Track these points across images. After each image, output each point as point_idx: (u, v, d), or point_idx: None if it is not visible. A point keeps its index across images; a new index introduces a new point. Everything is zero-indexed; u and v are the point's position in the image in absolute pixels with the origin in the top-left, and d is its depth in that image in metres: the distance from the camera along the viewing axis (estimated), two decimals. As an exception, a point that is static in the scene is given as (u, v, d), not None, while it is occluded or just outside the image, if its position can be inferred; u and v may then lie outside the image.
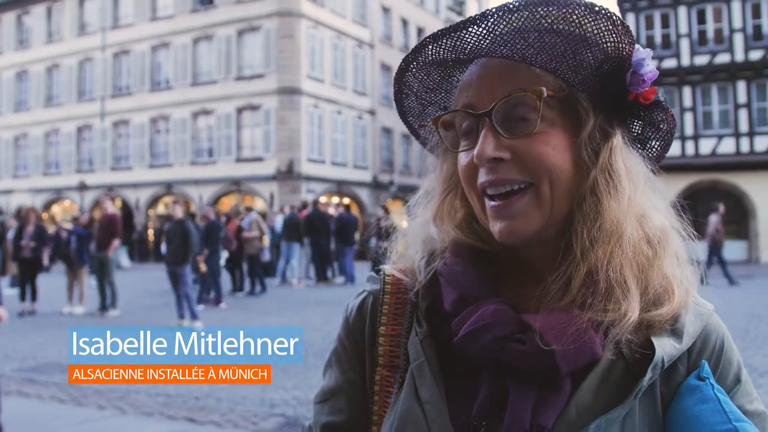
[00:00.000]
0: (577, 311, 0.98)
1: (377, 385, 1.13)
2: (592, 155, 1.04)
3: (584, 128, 1.04)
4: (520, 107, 1.01)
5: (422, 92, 1.21)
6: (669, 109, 1.11)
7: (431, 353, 1.08)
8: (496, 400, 1.00)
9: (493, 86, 1.04)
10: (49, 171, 44.54)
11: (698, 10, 30.33)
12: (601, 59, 1.03)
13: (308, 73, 37.07)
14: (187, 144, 38.53)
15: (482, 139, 1.02)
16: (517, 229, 1.03)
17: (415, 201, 1.25)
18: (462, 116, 1.09)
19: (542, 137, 1.01)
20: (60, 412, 7.20)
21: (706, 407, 0.97)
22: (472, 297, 1.06)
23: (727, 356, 1.07)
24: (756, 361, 8.82)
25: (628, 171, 1.05)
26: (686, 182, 28.43)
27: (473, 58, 1.09)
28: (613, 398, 0.97)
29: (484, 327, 1.01)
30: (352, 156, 41.09)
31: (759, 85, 29.62)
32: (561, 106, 1.03)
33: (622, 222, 1.01)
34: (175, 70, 39.62)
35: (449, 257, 1.13)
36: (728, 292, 16.72)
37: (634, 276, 1.00)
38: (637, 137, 1.16)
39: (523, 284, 1.08)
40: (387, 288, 1.19)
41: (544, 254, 1.06)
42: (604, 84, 1.05)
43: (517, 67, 1.03)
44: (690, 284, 1.07)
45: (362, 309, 1.21)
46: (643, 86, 1.05)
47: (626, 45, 1.03)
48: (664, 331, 1.02)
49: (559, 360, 0.97)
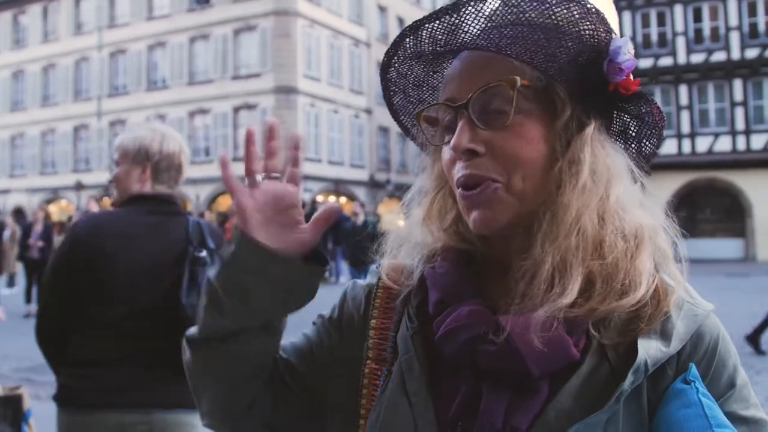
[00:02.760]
0: (536, 311, 0.96)
1: (366, 378, 1.14)
2: (564, 147, 1.03)
3: (560, 119, 1.03)
4: (495, 99, 1.01)
5: (408, 89, 1.22)
6: (653, 100, 1.09)
7: (421, 349, 1.08)
8: (474, 402, 0.99)
9: (471, 78, 1.04)
10: (46, 170, 44.49)
11: (694, 8, 30.34)
12: (577, 49, 1.02)
13: (305, 72, 37.03)
14: (184, 143, 38.41)
15: (459, 130, 1.02)
16: (490, 217, 1.02)
17: (409, 199, 1.24)
18: (443, 110, 1.09)
19: (517, 129, 1.01)
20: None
21: (688, 412, 0.94)
22: (452, 299, 1.06)
23: (721, 359, 1.03)
24: (752, 360, 8.85)
25: (596, 162, 1.03)
26: (683, 180, 28.45)
27: (450, 51, 1.10)
28: (595, 403, 0.95)
29: (459, 328, 1.01)
30: (349, 155, 41.07)
31: (755, 83, 29.66)
32: (538, 97, 1.02)
33: (577, 215, 0.99)
34: (171, 70, 39.58)
35: (438, 261, 1.14)
36: (725, 291, 16.73)
37: (582, 266, 0.98)
38: (624, 131, 1.15)
39: (502, 283, 1.07)
40: (381, 283, 1.21)
41: (518, 248, 1.04)
42: (582, 74, 1.03)
43: (495, 59, 1.03)
44: (678, 281, 1.05)
45: (360, 298, 1.24)
46: (620, 75, 1.04)
47: (602, 33, 1.03)
48: (652, 333, 0.99)
49: (528, 361, 0.96)
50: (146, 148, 2.93)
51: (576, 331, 0.98)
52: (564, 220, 0.99)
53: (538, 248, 0.99)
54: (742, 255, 29.56)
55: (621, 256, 1.00)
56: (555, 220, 1.00)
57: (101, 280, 2.76)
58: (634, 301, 0.98)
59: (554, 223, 0.99)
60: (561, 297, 0.95)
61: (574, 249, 0.98)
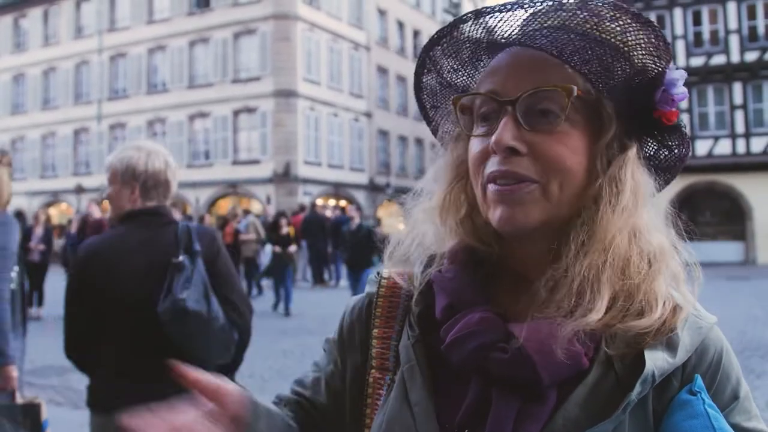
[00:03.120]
0: (561, 320, 0.96)
1: (370, 387, 1.14)
2: (605, 164, 1.03)
3: (605, 136, 1.02)
4: (546, 102, 1.00)
5: (445, 71, 1.18)
6: (687, 134, 1.10)
7: (422, 357, 1.08)
8: (481, 408, 0.99)
9: (521, 76, 1.03)
10: (46, 174, 44.47)
11: (694, 12, 30.37)
12: (635, 71, 1.02)
13: (304, 76, 37.03)
14: (184, 147, 38.45)
15: (502, 126, 1.00)
16: (517, 217, 1.01)
17: (411, 200, 1.22)
18: (483, 101, 1.07)
19: (562, 137, 1.00)
20: (57, 415, 7.16)
21: (695, 423, 0.95)
22: (461, 304, 1.06)
23: (725, 371, 1.05)
24: (753, 363, 8.83)
25: (635, 186, 1.03)
26: (683, 183, 28.43)
27: (509, 44, 1.07)
28: (601, 412, 0.95)
29: (469, 335, 1.01)
30: (349, 158, 41.05)
31: (755, 87, 29.66)
32: (585, 110, 1.02)
33: (614, 233, 0.99)
34: (171, 73, 39.57)
35: (445, 265, 1.13)
36: (725, 294, 16.71)
37: (610, 284, 0.98)
38: (650, 157, 1.15)
39: (515, 290, 1.07)
40: (381, 291, 1.20)
41: (535, 255, 1.05)
42: (632, 96, 1.03)
43: (550, 62, 1.01)
44: (688, 300, 1.05)
45: (360, 310, 1.23)
46: (671, 106, 1.04)
47: (664, 62, 1.02)
48: (658, 344, 1.00)
49: (540, 370, 0.96)
50: (133, 167, 3.12)
51: (585, 342, 0.98)
52: (602, 236, 0.99)
53: (572, 259, 0.99)
54: (742, 258, 29.55)
55: (643, 277, 1.00)
56: (592, 235, 1.00)
57: (109, 299, 3.00)
58: (650, 323, 0.99)
59: (591, 238, 0.99)
60: (590, 313, 0.96)
61: (608, 266, 0.99)
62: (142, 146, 3.26)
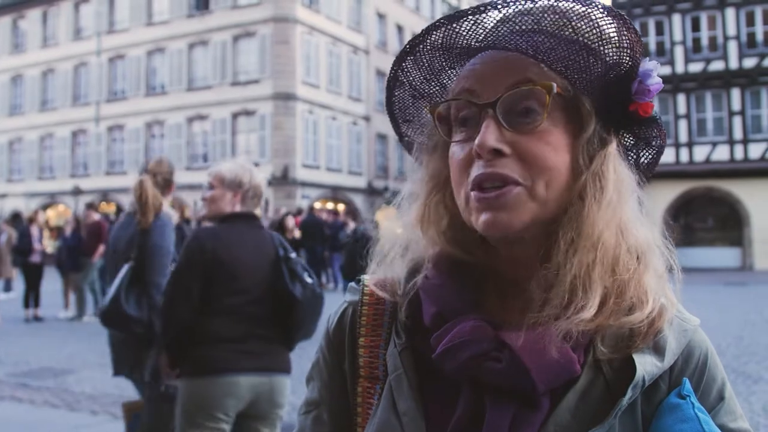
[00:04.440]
0: (555, 324, 0.96)
1: (359, 396, 1.12)
2: (587, 160, 1.02)
3: (585, 132, 1.02)
4: (526, 101, 0.99)
5: (418, 82, 1.17)
6: (662, 126, 1.10)
7: (410, 365, 1.06)
8: (474, 417, 0.98)
9: (498, 77, 1.02)
10: (44, 175, 44.45)
11: (692, 18, 30.47)
12: (610, 65, 1.01)
13: (303, 79, 37.07)
14: (182, 149, 38.48)
15: (484, 128, 0.99)
16: (503, 221, 0.99)
17: (398, 203, 1.20)
18: (462, 105, 1.05)
19: (544, 135, 0.99)
20: (53, 417, 7.17)
21: (685, 427, 0.95)
22: (451, 312, 1.04)
23: (711, 373, 1.05)
24: (749, 368, 8.82)
25: (618, 180, 1.03)
26: (681, 189, 28.52)
27: (482, 49, 1.07)
28: (593, 418, 0.95)
29: (461, 345, 0.99)
30: (347, 162, 41.09)
31: (753, 93, 29.75)
32: (565, 107, 1.01)
33: (602, 229, 0.99)
34: (170, 75, 39.60)
35: (430, 270, 1.11)
36: (723, 300, 16.75)
37: (601, 280, 0.98)
38: (628, 150, 1.15)
39: (505, 296, 1.06)
40: (365, 299, 1.17)
41: (524, 258, 1.03)
42: (609, 91, 1.03)
43: (526, 62, 1.01)
44: (671, 301, 1.05)
45: (342, 320, 1.19)
46: (647, 97, 1.03)
47: (637, 54, 1.02)
48: (645, 348, 1.00)
49: (535, 377, 0.95)
50: (240, 178, 3.79)
51: (577, 347, 0.98)
52: (590, 233, 0.98)
53: (562, 257, 0.98)
54: (739, 264, 29.61)
55: (632, 272, 1.00)
56: (581, 232, 0.99)
57: (226, 276, 3.59)
58: (642, 317, 0.98)
59: (580, 235, 0.99)
60: (583, 311, 0.95)
61: (598, 263, 0.98)
62: (244, 164, 3.90)
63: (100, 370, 9.55)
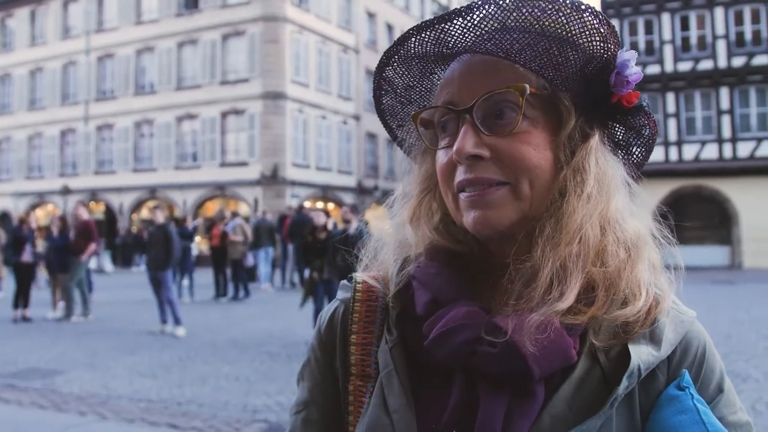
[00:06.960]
0: (529, 317, 0.95)
1: (351, 395, 1.11)
2: (569, 155, 1.02)
3: (564, 128, 1.02)
4: (501, 104, 1.00)
5: (401, 89, 1.19)
6: (651, 114, 1.10)
7: (400, 361, 1.05)
8: (468, 407, 0.97)
9: (474, 83, 1.03)
10: (32, 175, 44.28)
11: (682, 17, 30.58)
12: (585, 59, 1.01)
13: (293, 78, 37.05)
14: (172, 148, 38.41)
15: (462, 135, 1.00)
16: (491, 218, 1.00)
17: (391, 203, 1.22)
18: (442, 113, 1.07)
19: (523, 136, 1.00)
20: (41, 418, 7.13)
21: (684, 418, 0.94)
22: (445, 299, 1.04)
23: (709, 365, 1.04)
24: (738, 367, 8.87)
25: (600, 173, 1.03)
26: (670, 188, 28.63)
27: (456, 53, 1.08)
28: (588, 408, 0.95)
29: (455, 329, 0.98)
30: (337, 161, 41.10)
31: (742, 92, 29.89)
32: (543, 105, 1.02)
33: (581, 222, 0.99)
34: (159, 74, 39.51)
35: (424, 261, 1.11)
36: (711, 298, 16.82)
37: (583, 272, 0.97)
38: (619, 142, 1.15)
39: (497, 286, 1.05)
40: (357, 296, 1.17)
41: (515, 252, 1.03)
42: (588, 85, 1.03)
43: (500, 65, 1.01)
44: (666, 291, 1.05)
45: (333, 318, 1.18)
46: (627, 88, 1.04)
47: (612, 46, 1.02)
48: (641, 338, 0.99)
49: (531, 363, 0.94)
50: None
51: (573, 334, 0.97)
52: (567, 227, 0.98)
53: (539, 253, 0.98)
54: (728, 262, 29.76)
55: (623, 265, 1.00)
56: (558, 227, 0.99)
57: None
58: (635, 311, 0.98)
59: (558, 230, 0.99)
60: (558, 301, 0.95)
61: (575, 256, 0.98)
62: None
63: (88, 370, 9.51)
